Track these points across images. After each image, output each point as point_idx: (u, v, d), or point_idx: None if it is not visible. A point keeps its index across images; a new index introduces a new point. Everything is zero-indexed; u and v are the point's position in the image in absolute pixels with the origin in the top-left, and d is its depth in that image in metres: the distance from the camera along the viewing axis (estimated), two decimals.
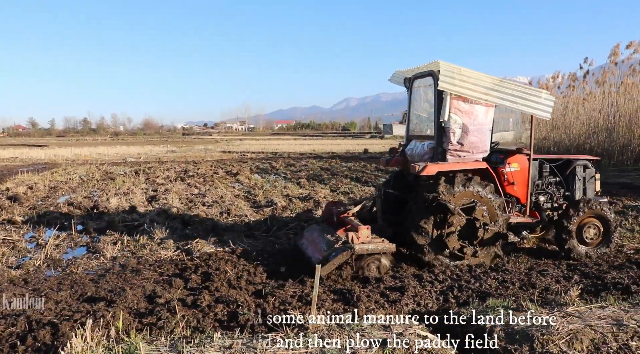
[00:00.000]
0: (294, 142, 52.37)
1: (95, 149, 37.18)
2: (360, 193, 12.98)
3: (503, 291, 5.44)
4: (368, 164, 23.30)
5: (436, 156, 6.48)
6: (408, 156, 7.12)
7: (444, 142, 6.42)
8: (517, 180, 6.97)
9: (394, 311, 4.74)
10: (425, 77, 6.99)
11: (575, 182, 7.44)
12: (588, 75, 23.74)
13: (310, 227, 7.61)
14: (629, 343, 3.86)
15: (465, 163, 6.49)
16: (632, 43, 20.57)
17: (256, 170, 20.73)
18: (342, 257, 5.84)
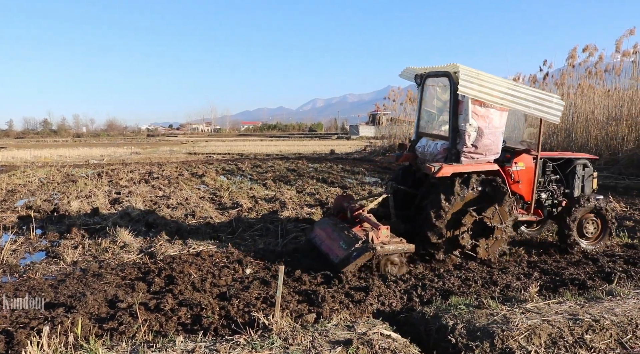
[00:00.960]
0: (261, 144, 52.11)
1: (56, 151, 36.22)
2: (326, 194, 13.00)
3: (465, 289, 5.54)
4: (334, 164, 23.35)
5: (450, 157, 6.62)
6: (419, 153, 7.28)
7: (459, 144, 6.56)
8: (522, 179, 7.24)
9: (359, 311, 4.78)
10: (439, 77, 7.13)
11: (575, 180, 7.74)
12: (548, 78, 24.36)
13: (322, 220, 7.62)
14: (584, 336, 3.98)
15: (479, 165, 6.65)
16: (588, 47, 21.21)
17: (222, 171, 20.54)
18: (364, 258, 5.96)
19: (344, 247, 6.26)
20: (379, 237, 6.05)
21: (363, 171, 20.03)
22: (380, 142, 34.91)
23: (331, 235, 6.75)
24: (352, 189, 14.06)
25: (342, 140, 60.98)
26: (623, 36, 20.13)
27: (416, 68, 7.56)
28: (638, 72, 19.95)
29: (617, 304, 4.66)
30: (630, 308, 4.53)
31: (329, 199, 11.95)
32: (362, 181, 16.95)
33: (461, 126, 6.52)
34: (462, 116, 6.52)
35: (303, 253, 7.19)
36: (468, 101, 6.39)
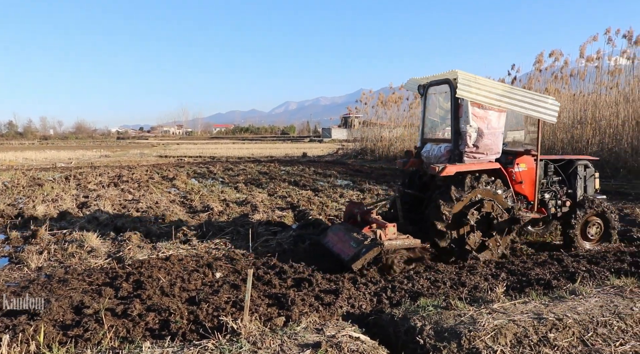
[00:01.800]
0: (233, 146, 51.82)
1: (21, 154, 35.40)
2: (297, 197, 13.00)
3: (435, 290, 5.59)
4: (307, 167, 23.37)
5: (453, 158, 6.93)
6: (424, 157, 7.57)
7: (461, 145, 6.89)
8: (525, 179, 7.49)
9: (328, 314, 4.78)
10: (440, 85, 7.44)
11: (577, 181, 8.01)
12: (516, 81, 24.84)
13: (334, 226, 7.91)
14: (548, 334, 4.06)
15: (481, 164, 6.96)
16: (554, 52, 21.72)
17: (193, 175, 20.37)
18: (372, 253, 6.20)
19: (354, 246, 6.55)
20: (386, 235, 6.34)
21: (335, 174, 20.12)
22: (353, 145, 35.11)
23: (342, 238, 7.05)
24: (324, 192, 14.09)
25: (315, 143, 61.10)
26: (587, 42, 20.68)
27: (419, 78, 7.87)
28: (601, 77, 20.49)
29: (579, 303, 4.77)
30: (591, 307, 4.64)
31: (300, 202, 11.96)
32: (334, 183, 17.00)
33: (462, 128, 6.84)
34: (462, 119, 6.84)
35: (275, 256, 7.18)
36: (467, 103, 6.72)
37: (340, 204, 11.92)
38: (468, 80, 6.57)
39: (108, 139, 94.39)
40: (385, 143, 30.00)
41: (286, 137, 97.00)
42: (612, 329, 4.26)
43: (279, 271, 6.42)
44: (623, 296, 4.96)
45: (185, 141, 77.61)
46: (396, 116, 31.79)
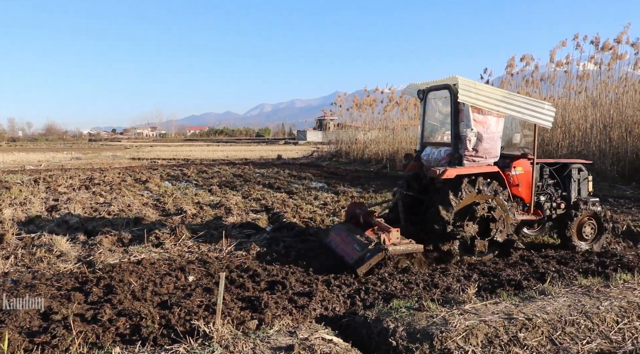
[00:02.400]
0: (207, 149, 51.44)
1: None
2: (272, 199, 12.96)
3: (407, 292, 5.62)
4: (281, 170, 23.33)
5: (453, 161, 7.08)
6: (424, 161, 7.71)
7: (460, 148, 7.07)
8: (521, 182, 7.72)
9: (301, 317, 4.78)
10: (440, 90, 7.58)
11: (571, 184, 8.21)
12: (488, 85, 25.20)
13: (336, 226, 8.06)
14: (518, 334, 4.13)
15: (480, 167, 7.13)
16: (525, 56, 22.11)
17: (167, 177, 20.14)
18: (377, 258, 6.35)
19: (358, 249, 6.68)
20: (390, 239, 6.44)
21: (310, 176, 20.14)
22: (327, 148, 35.17)
23: (345, 239, 7.18)
24: (299, 195, 14.09)
25: (290, 145, 61.05)
26: (556, 47, 21.10)
27: (418, 84, 8.09)
28: (570, 81, 20.94)
29: (548, 302, 4.86)
30: (560, 306, 4.73)
31: (274, 205, 11.92)
32: (309, 186, 17.00)
33: (462, 132, 7.05)
34: (463, 123, 7.05)
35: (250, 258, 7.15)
36: (468, 108, 6.93)
37: (315, 206, 11.93)
38: (468, 85, 6.80)
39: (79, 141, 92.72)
40: (360, 146, 30.12)
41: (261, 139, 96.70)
42: (579, 328, 4.35)
43: (253, 274, 6.39)
44: (590, 295, 5.07)
45: (158, 143, 76.75)
46: (371, 118, 31.96)
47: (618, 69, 19.82)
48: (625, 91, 18.65)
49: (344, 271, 6.41)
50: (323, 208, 11.69)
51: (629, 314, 4.61)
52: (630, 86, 18.89)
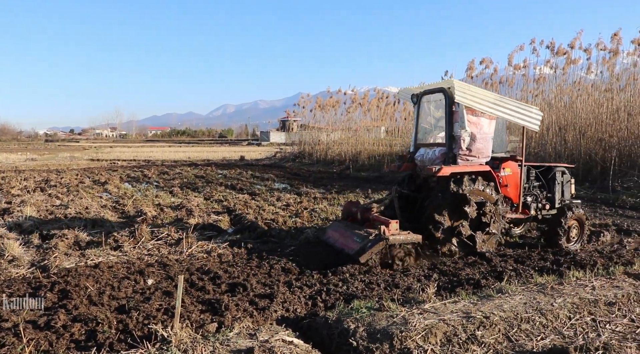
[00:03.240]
0: (169, 150, 50.68)
1: None
2: (234, 201, 12.85)
3: (369, 292, 5.66)
4: (244, 171, 23.18)
5: (447, 160, 7.40)
6: (418, 161, 7.99)
7: (454, 148, 7.40)
8: (509, 183, 8.12)
9: (262, 319, 4.75)
10: (434, 93, 7.93)
11: (555, 186, 8.62)
12: None
13: (333, 224, 8.23)
14: (476, 332, 4.21)
15: (473, 166, 7.46)
16: (485, 59, 22.60)
17: (127, 179, 19.74)
18: (378, 247, 6.62)
19: (358, 241, 6.94)
20: (389, 230, 6.70)
21: (273, 177, 20.07)
22: (291, 149, 35.12)
23: (344, 234, 7.44)
24: (261, 196, 14.02)
25: (253, 146, 60.74)
26: (514, 51, 21.63)
27: (412, 88, 8.41)
28: (528, 84, 21.49)
29: (505, 300, 4.97)
30: (516, 304, 4.85)
31: (236, 206, 11.83)
32: (272, 187, 16.95)
33: (456, 132, 7.36)
34: (457, 124, 7.36)
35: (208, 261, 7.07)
36: (463, 109, 7.27)
37: (277, 207, 11.88)
38: (464, 88, 7.21)
39: (35, 142, 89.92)
40: (323, 147, 30.19)
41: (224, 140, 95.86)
42: (534, 324, 4.47)
43: (214, 276, 6.32)
44: (545, 293, 5.21)
45: (119, 144, 75.18)
46: (334, 119, 32.09)
47: (572, 73, 20.47)
48: (579, 95, 19.26)
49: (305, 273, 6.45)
50: (285, 209, 11.67)
51: (580, 311, 4.76)
52: (583, 90, 19.52)
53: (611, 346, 3.99)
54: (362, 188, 16.07)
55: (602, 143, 16.95)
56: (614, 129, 17.08)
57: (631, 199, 13.47)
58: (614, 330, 4.47)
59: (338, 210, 11.51)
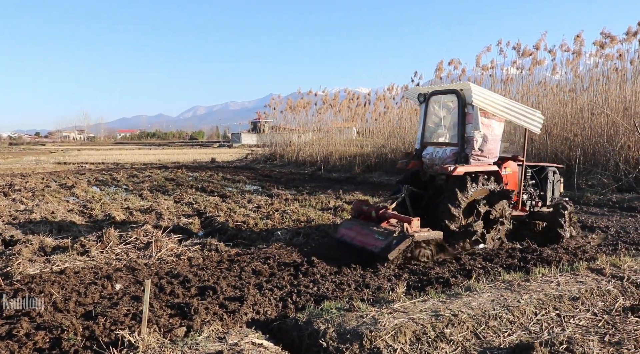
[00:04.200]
0: (139, 152, 49.95)
1: None
2: (205, 203, 12.74)
3: (339, 293, 5.67)
4: (215, 173, 23.01)
5: (459, 160, 7.71)
6: (427, 159, 8.32)
7: (467, 148, 7.73)
8: (510, 181, 8.53)
9: (232, 322, 4.71)
10: (445, 95, 8.26)
11: (548, 184, 9.13)
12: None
13: (346, 222, 8.35)
14: (444, 330, 4.26)
15: (484, 165, 7.86)
16: (453, 60, 22.93)
17: (95, 182, 19.38)
18: (405, 244, 6.79)
19: (381, 238, 7.10)
20: (412, 227, 6.95)
21: (244, 179, 19.97)
22: (262, 150, 35.00)
23: (361, 232, 7.57)
24: (232, 198, 13.93)
25: (224, 148, 60.28)
26: (482, 52, 22.00)
27: (420, 88, 8.96)
28: (495, 85, 21.86)
29: (473, 298, 5.03)
30: (484, 301, 4.92)
31: (207, 209, 11.73)
32: (243, 189, 16.88)
33: (469, 133, 7.71)
34: (470, 125, 7.69)
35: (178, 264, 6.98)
36: (477, 111, 7.59)
37: (248, 209, 11.83)
38: (479, 91, 7.59)
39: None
40: (294, 148, 30.17)
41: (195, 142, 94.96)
42: (501, 321, 4.54)
43: (183, 279, 6.24)
44: (512, 289, 5.29)
45: (87, 147, 73.73)
46: (305, 121, 32.10)
47: (538, 74, 20.93)
48: (544, 95, 19.70)
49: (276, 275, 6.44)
50: (257, 211, 11.62)
51: (546, 306, 4.85)
52: (549, 90, 19.97)
53: (574, 340, 4.09)
54: (334, 189, 16.11)
55: (567, 142, 17.36)
56: (578, 128, 17.52)
57: (595, 196, 13.82)
58: (577, 324, 4.58)
59: (310, 211, 11.52)
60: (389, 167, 22.83)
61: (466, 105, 7.66)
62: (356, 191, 15.58)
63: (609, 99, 17.61)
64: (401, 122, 25.06)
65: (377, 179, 20.67)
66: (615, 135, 16.47)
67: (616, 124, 16.57)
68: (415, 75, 25.84)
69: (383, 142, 24.88)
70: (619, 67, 18.23)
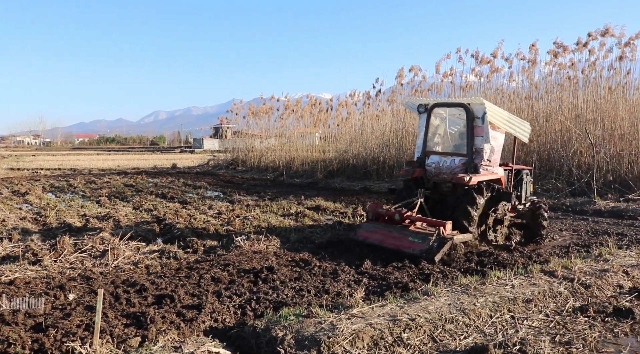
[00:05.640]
0: (97, 158, 48.76)
1: None
2: (164, 209, 12.53)
3: (299, 299, 5.65)
4: (176, 179, 22.66)
5: (469, 169, 8.34)
6: (433, 168, 8.87)
7: (476, 159, 8.37)
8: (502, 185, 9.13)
9: (189, 330, 4.64)
10: (451, 107, 9.05)
11: (523, 185, 9.72)
12: (380, 94, 26.20)
13: (366, 225, 8.68)
14: (402, 335, 4.30)
15: (492, 174, 8.59)
16: (414, 67, 23.26)
17: (50, 189, 18.80)
18: (447, 246, 7.37)
19: (418, 241, 7.61)
20: (446, 230, 7.58)
21: (205, 185, 19.75)
22: (224, 156, 34.67)
23: (391, 234, 8.05)
24: (193, 204, 13.75)
25: (186, 154, 59.53)
26: (442, 59, 22.41)
27: (421, 99, 9.62)
28: (455, 91, 22.30)
29: (431, 302, 5.11)
30: (441, 305, 4.99)
31: (167, 215, 11.54)
32: (204, 195, 16.68)
33: (479, 145, 8.35)
34: (480, 137, 8.31)
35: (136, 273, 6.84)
36: (488, 125, 8.16)
37: (209, 216, 11.69)
38: (491, 106, 8.29)
39: None
40: (257, 154, 30.01)
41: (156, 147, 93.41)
42: (457, 324, 4.62)
43: (140, 288, 6.11)
44: (468, 293, 5.39)
45: (42, 152, 71.52)
46: (267, 126, 31.99)
47: (496, 81, 21.46)
48: (502, 101, 20.17)
49: (235, 282, 6.34)
50: (217, 218, 11.49)
51: (500, 309, 4.97)
52: (506, 97, 20.48)
53: (527, 341, 4.19)
54: (296, 195, 16.09)
55: (524, 147, 17.82)
56: (534, 134, 18.00)
57: (550, 200, 14.21)
58: (530, 326, 4.70)
59: (271, 217, 11.47)
60: (350, 173, 22.96)
61: (474, 118, 8.28)
62: (318, 197, 15.59)
63: (562, 106, 18.20)
64: (363, 128, 25.24)
65: (339, 185, 20.75)
66: (568, 141, 17.02)
67: (569, 130, 17.13)
68: (377, 81, 26.11)
69: (345, 148, 25.00)
70: (571, 75, 18.87)
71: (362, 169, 22.72)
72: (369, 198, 15.51)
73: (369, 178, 21.95)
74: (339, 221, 11.04)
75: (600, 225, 10.88)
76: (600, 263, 6.84)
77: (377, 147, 23.27)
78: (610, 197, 14.12)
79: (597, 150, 15.43)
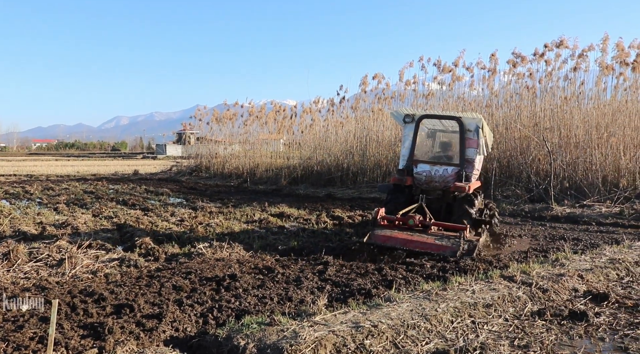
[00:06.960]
0: (56, 164, 47.44)
1: None
2: (125, 217, 12.27)
3: (261, 307, 5.60)
4: (138, 185, 22.24)
5: (460, 178, 9.04)
6: (424, 176, 9.45)
7: (467, 168, 9.11)
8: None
9: (149, 341, 4.54)
10: (442, 119, 9.85)
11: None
12: (344, 101, 26.38)
13: (379, 229, 8.86)
14: (364, 341, 4.30)
15: (478, 182, 9.71)
16: (377, 75, 23.53)
17: (4, 196, 18.18)
18: (475, 248, 8.14)
19: (447, 244, 8.27)
20: (469, 234, 8.42)
21: (168, 192, 19.46)
22: (188, 162, 34.25)
23: (414, 238, 8.50)
24: (154, 211, 13.52)
25: (148, 160, 58.59)
26: (404, 68, 22.73)
27: (407, 110, 10.12)
28: (418, 99, 22.62)
29: (393, 309, 5.13)
30: (403, 311, 5.02)
31: (127, 223, 11.29)
32: (166, 202, 16.43)
33: (470, 156, 9.14)
34: (472, 149, 9.13)
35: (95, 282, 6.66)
36: (480, 138, 9.04)
37: (171, 223, 11.51)
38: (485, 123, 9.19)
39: None
40: (221, 160, 29.77)
41: (117, 153, 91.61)
42: (419, 330, 4.65)
43: (99, 298, 5.94)
44: (430, 299, 5.45)
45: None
46: (231, 132, 31.79)
47: (457, 89, 21.88)
48: (463, 110, 20.57)
49: (197, 290, 6.25)
50: (180, 225, 11.32)
51: (461, 314, 5.03)
52: (467, 105, 20.89)
53: (487, 345, 4.25)
54: (260, 201, 16.01)
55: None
56: (495, 142, 18.42)
57: (510, 206, 14.55)
58: (490, 330, 4.78)
59: (234, 224, 11.38)
60: (315, 180, 22.99)
61: (466, 131, 9.05)
62: (282, 203, 15.55)
63: (521, 115, 18.69)
64: (327, 135, 25.35)
65: (303, 191, 20.75)
66: (527, 149, 17.47)
67: (528, 138, 17.59)
68: (341, 88, 26.30)
69: (309, 155, 25.04)
70: (529, 85, 19.40)
71: (326, 176, 22.79)
72: (332, 205, 15.56)
73: (333, 185, 22.03)
74: (303, 228, 11.02)
75: (557, 230, 11.19)
76: (557, 268, 7.01)
77: (341, 153, 23.40)
78: (566, 203, 14.54)
79: (554, 157, 15.88)
